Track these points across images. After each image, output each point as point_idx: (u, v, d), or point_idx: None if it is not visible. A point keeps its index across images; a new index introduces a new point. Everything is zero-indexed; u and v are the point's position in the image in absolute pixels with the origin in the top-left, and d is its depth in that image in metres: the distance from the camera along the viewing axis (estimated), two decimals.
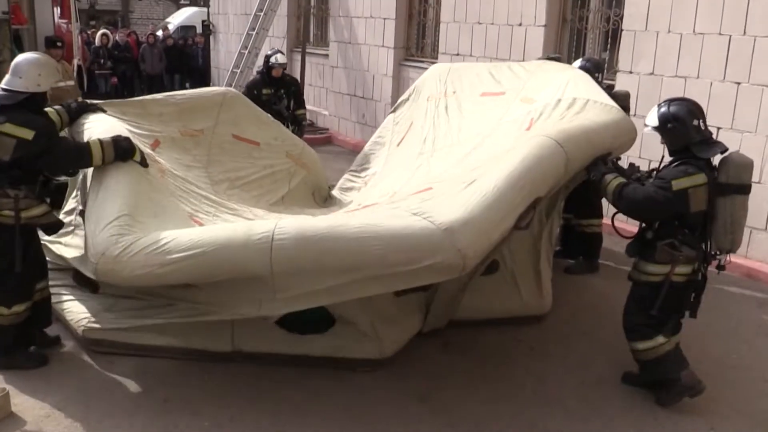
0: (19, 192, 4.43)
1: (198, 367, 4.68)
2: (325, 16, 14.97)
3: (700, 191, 4.18)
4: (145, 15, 35.86)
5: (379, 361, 4.74)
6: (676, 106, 4.33)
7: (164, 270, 3.95)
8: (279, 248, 3.86)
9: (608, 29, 8.98)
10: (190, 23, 24.48)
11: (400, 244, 3.85)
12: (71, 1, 13.52)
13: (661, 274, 4.32)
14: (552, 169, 4.36)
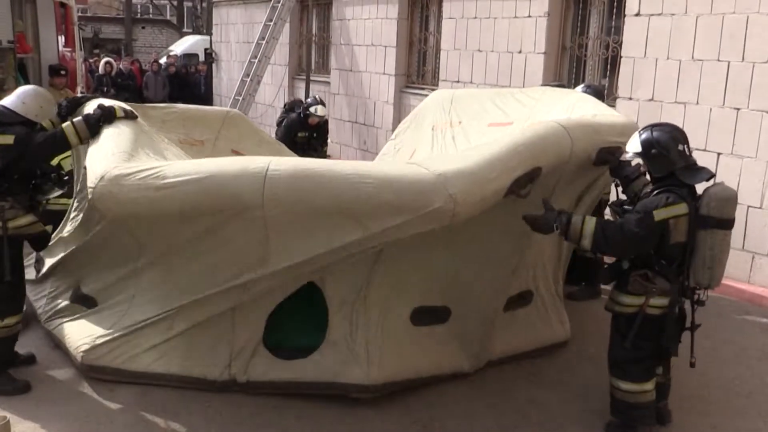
0: (5, 203, 4.57)
1: (199, 395, 4.65)
2: (326, 44, 15.11)
3: (680, 222, 3.97)
4: (148, 43, 36.16)
5: (367, 387, 4.54)
6: (659, 131, 4.14)
7: (158, 194, 4.05)
8: (272, 179, 3.93)
9: (607, 56, 9.05)
10: (193, 51, 24.68)
11: (393, 185, 3.90)
12: (75, 30, 13.65)
13: (635, 306, 4.13)
14: (553, 146, 4.34)
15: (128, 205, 4.22)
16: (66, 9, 12.84)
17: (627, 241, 4.01)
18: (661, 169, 4.10)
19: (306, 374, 4.61)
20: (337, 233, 4.12)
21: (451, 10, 11.12)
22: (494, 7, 10.30)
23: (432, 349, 4.86)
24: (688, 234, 3.99)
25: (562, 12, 9.53)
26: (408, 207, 3.90)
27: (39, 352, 5.14)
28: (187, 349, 4.70)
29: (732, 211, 4.02)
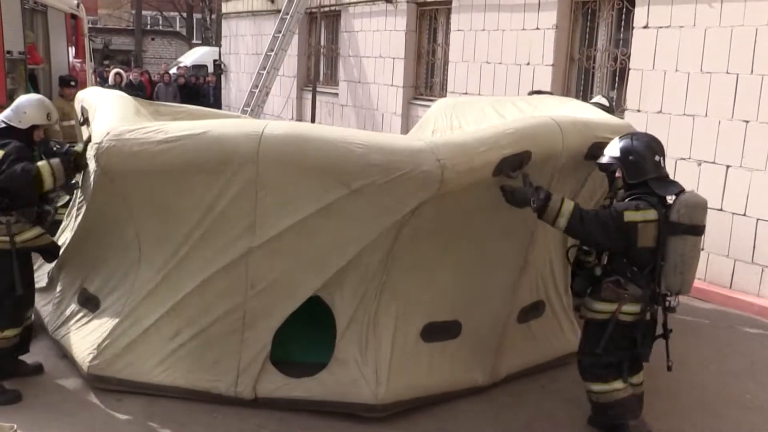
0: (11, 217, 4.59)
1: (206, 406, 4.63)
2: (335, 55, 15.16)
3: (649, 227, 4.08)
4: (157, 54, 36.38)
5: (375, 407, 4.50)
6: (638, 140, 4.26)
7: (160, 148, 4.24)
8: (268, 137, 4.13)
9: (615, 68, 9.05)
10: (202, 62, 24.83)
11: (383, 147, 4.06)
12: (85, 41, 13.74)
13: (608, 312, 4.19)
14: (544, 134, 4.46)
15: (131, 159, 4.35)
16: (77, 20, 12.94)
17: (599, 227, 4.12)
18: (636, 176, 4.20)
19: (314, 393, 4.56)
20: (324, 193, 4.21)
21: (460, 23, 11.16)
22: (502, 20, 10.32)
23: (444, 366, 4.81)
24: (658, 240, 4.08)
25: (571, 24, 9.55)
26: (395, 167, 3.99)
27: (47, 361, 5.15)
28: (193, 362, 4.68)
29: (702, 217, 4.11)
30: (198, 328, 4.68)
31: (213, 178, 4.33)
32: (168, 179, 4.46)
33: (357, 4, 13.86)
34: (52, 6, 11.13)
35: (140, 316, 4.79)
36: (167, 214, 4.63)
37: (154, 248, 4.76)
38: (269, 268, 4.50)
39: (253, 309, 4.57)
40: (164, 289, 4.74)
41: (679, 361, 5.74)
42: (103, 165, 4.53)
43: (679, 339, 6.23)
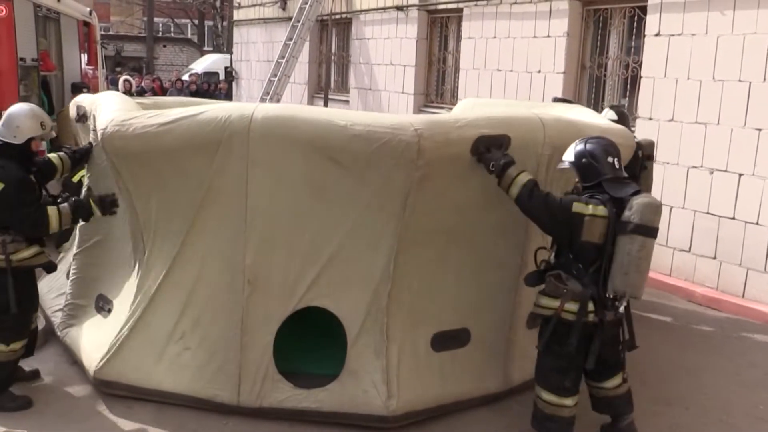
0: (6, 237, 4.53)
1: (216, 416, 4.62)
2: (345, 63, 15.20)
3: (597, 222, 4.01)
4: (169, 61, 36.59)
5: (386, 418, 4.48)
6: (591, 143, 4.25)
7: (161, 129, 4.46)
8: (258, 115, 4.37)
9: (627, 76, 9.02)
10: (213, 69, 24.95)
11: (364, 121, 4.32)
12: (98, 48, 13.82)
13: (551, 308, 4.12)
14: (523, 122, 4.64)
15: (134, 142, 4.52)
16: (89, 27, 13.01)
17: (545, 207, 4.14)
18: (589, 178, 4.19)
19: (324, 404, 4.53)
20: (312, 169, 4.38)
21: (471, 30, 11.16)
22: (513, 27, 10.32)
23: (455, 374, 4.78)
24: (606, 238, 4.01)
25: (582, 32, 9.53)
26: (376, 137, 4.20)
27: (58, 368, 5.17)
28: (197, 369, 4.67)
29: (652, 218, 3.97)
30: (202, 330, 4.67)
31: (209, 157, 4.47)
32: (169, 161, 4.58)
33: (368, 11, 13.90)
34: (65, 13, 11.20)
35: (146, 317, 4.80)
36: (169, 203, 4.70)
37: (158, 245, 4.79)
38: (265, 262, 4.52)
39: (251, 309, 4.56)
40: (169, 288, 4.76)
41: (691, 370, 5.73)
42: (108, 149, 4.64)
43: (691, 348, 6.23)
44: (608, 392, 4.38)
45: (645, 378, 4.66)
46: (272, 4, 17.62)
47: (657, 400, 5.12)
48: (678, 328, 6.71)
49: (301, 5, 14.88)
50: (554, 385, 4.19)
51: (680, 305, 7.46)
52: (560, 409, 4.20)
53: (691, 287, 7.76)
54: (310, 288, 4.57)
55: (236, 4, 20.49)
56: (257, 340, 4.58)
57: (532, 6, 9.98)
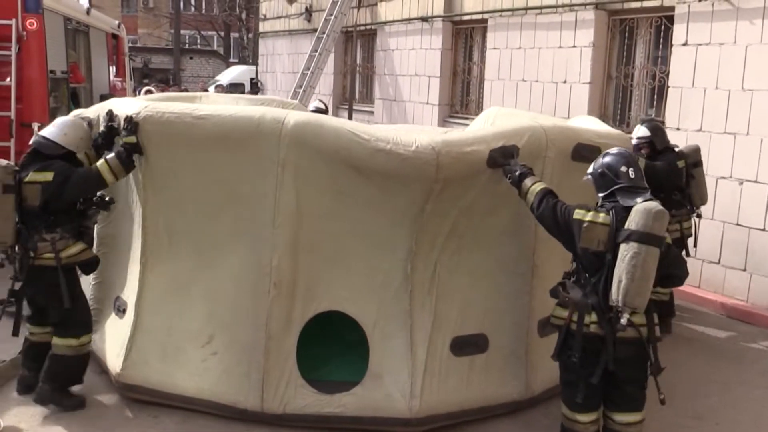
0: (55, 234, 4.69)
1: (241, 425, 4.62)
2: (370, 74, 15.24)
3: (596, 229, 3.96)
4: (195, 73, 36.94)
5: (410, 421, 4.51)
6: (609, 154, 4.21)
7: (194, 120, 4.59)
8: (290, 120, 4.51)
9: (654, 86, 8.94)
10: (239, 81, 25.11)
11: (387, 136, 4.51)
12: (126, 61, 14.00)
13: (561, 318, 4.07)
14: (526, 131, 4.85)
15: (167, 128, 4.63)
16: (117, 40, 13.20)
17: (552, 215, 4.20)
18: (603, 187, 4.16)
19: (348, 408, 4.55)
20: (338, 176, 4.54)
21: (496, 41, 11.14)
22: (539, 38, 10.29)
23: (477, 380, 4.79)
24: (607, 246, 3.93)
25: (608, 42, 9.47)
26: (397, 153, 4.40)
27: (86, 376, 5.20)
28: (221, 374, 4.68)
29: (650, 224, 3.81)
30: (228, 335, 4.69)
31: (236, 155, 4.57)
32: (194, 154, 4.66)
33: (393, 23, 13.94)
34: (94, 26, 11.37)
35: (167, 320, 4.82)
36: (185, 200, 4.76)
37: (170, 243, 4.84)
38: (290, 265, 4.56)
39: (275, 312, 4.58)
40: (191, 291, 4.78)
41: (722, 384, 5.64)
42: (139, 133, 4.66)
43: (724, 362, 6.13)
44: (620, 428, 4.10)
45: (674, 391, 4.58)
46: (298, 16, 17.74)
47: (686, 415, 5.04)
48: (708, 341, 6.60)
49: (327, 17, 14.97)
50: (566, 398, 4.13)
51: (710, 318, 7.35)
52: (574, 424, 4.11)
53: (720, 299, 7.65)
54: (331, 292, 4.64)
55: (262, 16, 20.66)
56: (281, 344, 4.60)
57: (557, 16, 9.95)
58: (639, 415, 4.11)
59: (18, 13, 8.09)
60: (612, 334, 3.90)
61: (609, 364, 3.92)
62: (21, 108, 8.02)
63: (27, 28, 8.15)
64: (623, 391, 4.05)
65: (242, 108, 4.86)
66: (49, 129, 4.88)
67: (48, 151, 4.75)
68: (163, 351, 4.81)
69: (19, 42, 8.01)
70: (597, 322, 3.94)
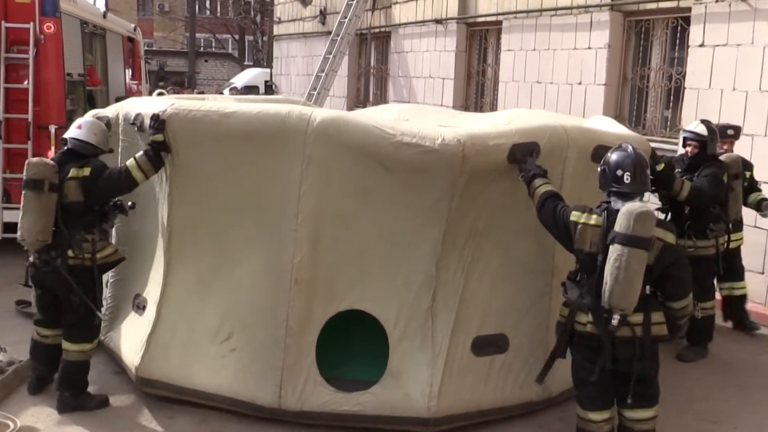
0: (95, 235, 4.83)
1: (257, 424, 4.64)
2: (384, 76, 15.25)
3: (588, 231, 4.05)
4: (210, 76, 37.09)
5: (428, 420, 4.52)
6: (614, 153, 4.22)
7: (221, 118, 4.64)
8: (316, 118, 4.55)
9: (670, 87, 8.89)
10: (254, 83, 25.22)
11: (412, 130, 4.56)
12: (142, 63, 14.09)
13: (563, 317, 4.19)
14: (548, 129, 4.88)
15: (194, 125, 4.67)
16: (133, 43, 13.28)
17: (551, 217, 4.28)
18: (601, 185, 4.25)
19: (366, 407, 4.56)
20: (363, 172, 4.56)
21: (510, 42, 11.12)
22: (553, 39, 10.25)
23: (496, 380, 4.78)
24: (599, 247, 4.01)
25: (623, 43, 9.43)
26: (423, 145, 4.44)
27: (101, 377, 5.24)
28: (240, 370, 4.70)
29: (633, 227, 3.83)
30: (248, 332, 4.71)
31: (263, 153, 4.60)
32: (219, 152, 4.69)
33: (407, 25, 13.94)
34: (111, 30, 11.45)
35: (186, 316, 4.85)
36: (210, 197, 4.79)
37: (195, 241, 4.86)
38: (311, 262, 4.57)
39: (296, 310, 4.59)
40: (212, 287, 4.81)
41: (741, 387, 5.58)
42: (166, 130, 4.67)
43: (742, 366, 6.06)
44: (632, 425, 4.14)
45: (692, 394, 4.54)
46: (312, 18, 17.78)
47: (704, 418, 5.00)
48: (725, 344, 6.54)
49: (341, 19, 14.99)
50: (580, 397, 4.19)
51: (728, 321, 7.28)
52: (587, 423, 4.14)
53: None
54: (352, 290, 4.66)
55: (276, 19, 20.73)
56: (300, 342, 4.61)
57: (572, 18, 9.91)
58: (651, 411, 4.15)
59: (35, 16, 8.16)
60: (606, 333, 3.95)
61: (606, 363, 3.97)
62: (38, 111, 8.09)
63: (44, 32, 8.22)
64: (632, 389, 4.04)
65: (268, 105, 4.88)
66: (77, 131, 4.94)
67: (86, 152, 4.86)
68: (183, 346, 4.83)
69: (36, 45, 8.09)
70: (592, 321, 4.00)
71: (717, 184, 5.84)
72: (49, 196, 4.62)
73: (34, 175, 4.62)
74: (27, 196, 4.62)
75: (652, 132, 9.03)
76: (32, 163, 4.73)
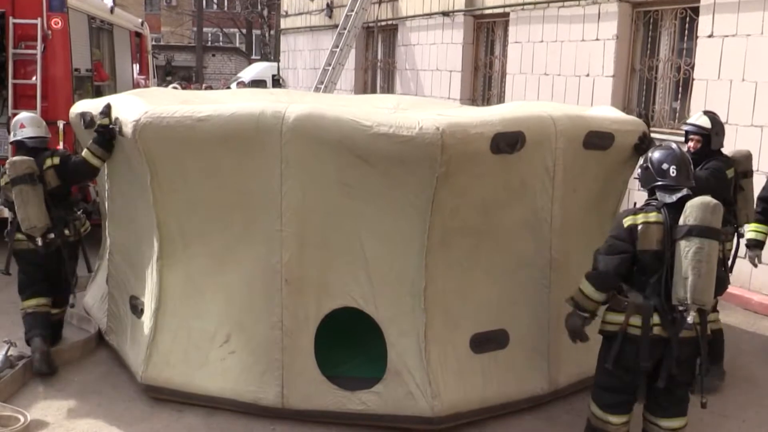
0: (79, 213, 5.65)
1: (264, 421, 4.65)
2: (391, 69, 15.22)
3: (652, 229, 3.88)
4: (217, 70, 37.18)
5: (431, 419, 4.49)
6: (657, 149, 4.17)
7: (195, 123, 4.56)
8: (290, 115, 4.46)
9: (679, 79, 8.83)
10: (261, 78, 25.24)
11: (389, 120, 4.42)
12: (149, 58, 14.10)
13: (616, 323, 3.94)
14: (533, 119, 4.79)
15: (168, 133, 4.61)
16: (141, 38, 13.29)
17: (606, 255, 3.98)
18: (645, 182, 4.13)
19: (369, 406, 4.55)
20: (342, 167, 4.46)
21: (517, 34, 11.07)
22: (561, 31, 10.20)
23: (499, 376, 4.76)
24: (664, 245, 3.86)
25: (632, 34, 9.37)
26: (400, 135, 4.30)
27: (110, 372, 5.28)
28: (241, 372, 4.71)
29: (709, 218, 3.76)
30: (245, 333, 4.71)
31: (240, 154, 4.55)
32: (199, 157, 4.65)
33: (414, 17, 13.90)
34: (118, 25, 11.46)
35: (184, 321, 4.84)
36: (196, 203, 4.76)
37: (184, 245, 4.84)
38: (300, 261, 4.55)
39: (290, 309, 4.59)
40: (207, 291, 4.80)
41: (749, 381, 5.56)
42: (141, 140, 4.67)
43: (750, 359, 6.03)
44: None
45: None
46: (319, 12, 17.76)
47: (712, 412, 4.97)
48: (733, 338, 6.51)
49: (348, 12, 14.96)
50: (602, 400, 4.07)
51: (736, 314, 7.25)
52: (606, 425, 4.06)
53: (747, 295, 7.54)
54: (344, 288, 4.61)
55: (283, 13, 20.71)
56: (297, 341, 4.61)
57: (580, 9, 9.86)
58: (684, 420, 4.07)
59: (43, 12, 8.19)
60: (676, 334, 3.83)
61: (672, 368, 3.84)
62: (46, 106, 8.12)
63: (52, 27, 8.24)
64: (673, 395, 3.96)
65: (242, 105, 4.74)
66: (27, 130, 5.50)
67: (43, 145, 5.51)
68: (184, 352, 4.84)
69: (44, 41, 8.11)
70: (660, 323, 3.86)
71: (718, 177, 5.30)
72: (40, 186, 5.22)
73: (26, 170, 5.19)
74: (24, 189, 5.15)
75: (661, 124, 8.99)
76: (17, 161, 5.23)
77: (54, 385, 5.06)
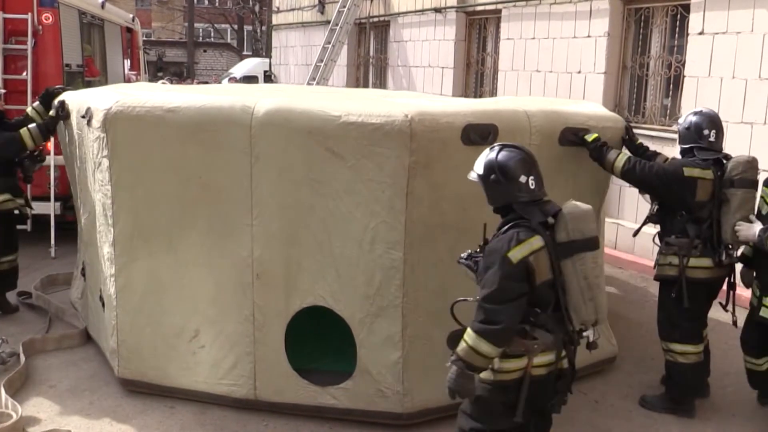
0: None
1: (257, 416, 4.66)
2: (384, 65, 15.23)
3: (541, 257, 3.34)
4: (209, 66, 37.05)
5: (401, 415, 4.49)
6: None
7: (164, 114, 4.56)
8: (260, 108, 4.45)
9: (670, 76, 8.88)
10: (253, 74, 25.18)
11: (358, 108, 4.42)
12: (140, 54, 14.06)
13: (519, 370, 3.41)
14: (506, 112, 4.81)
15: (137, 123, 4.62)
16: (132, 34, 13.25)
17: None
18: (498, 199, 3.53)
19: (340, 401, 4.56)
20: (311, 161, 4.43)
21: (509, 31, 11.10)
22: (553, 28, 10.23)
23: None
24: (553, 269, 3.38)
25: (623, 31, 9.41)
26: (369, 123, 4.31)
27: (102, 368, 5.26)
28: (212, 366, 4.72)
29: (592, 228, 3.44)
30: (215, 328, 4.70)
31: (209, 148, 4.52)
32: (165, 149, 4.62)
33: (406, 14, 13.91)
34: (109, 20, 11.42)
35: (152, 316, 4.82)
36: (162, 197, 4.70)
37: (145, 240, 4.78)
38: (271, 256, 4.54)
39: (261, 304, 4.59)
40: (174, 286, 4.78)
41: (739, 375, 5.58)
42: (111, 130, 4.65)
43: (739, 352, 6.05)
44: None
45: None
46: (311, 8, 17.74)
47: (702, 406, 5.02)
48: (722, 330, 6.56)
49: (339, 9, 14.96)
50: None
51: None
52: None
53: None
54: (314, 285, 4.55)
55: (275, 9, 20.68)
56: (269, 335, 4.61)
57: (571, 6, 9.89)
58: None
59: (33, 7, 8.16)
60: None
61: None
62: None
63: (42, 23, 8.21)
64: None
65: (212, 98, 4.68)
66: None
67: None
68: (153, 347, 4.84)
69: (34, 36, 8.09)
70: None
71: (666, 173, 4.73)
72: None
73: None
74: None
75: (652, 120, 9.03)
76: None
77: (46, 381, 5.06)
